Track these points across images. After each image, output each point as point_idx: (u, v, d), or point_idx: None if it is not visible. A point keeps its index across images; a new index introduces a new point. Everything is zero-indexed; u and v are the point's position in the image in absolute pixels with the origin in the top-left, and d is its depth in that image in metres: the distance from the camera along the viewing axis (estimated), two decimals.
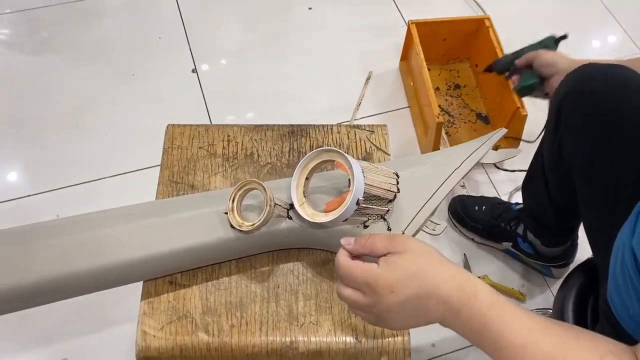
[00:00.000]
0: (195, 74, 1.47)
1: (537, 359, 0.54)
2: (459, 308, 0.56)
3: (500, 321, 0.55)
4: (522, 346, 0.54)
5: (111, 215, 0.72)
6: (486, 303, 0.55)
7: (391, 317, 0.57)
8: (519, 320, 0.55)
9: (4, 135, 1.35)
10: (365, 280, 0.56)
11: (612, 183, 0.81)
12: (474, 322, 0.55)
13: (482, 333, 0.55)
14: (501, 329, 0.55)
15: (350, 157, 0.66)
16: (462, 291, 0.56)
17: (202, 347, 0.69)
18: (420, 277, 0.56)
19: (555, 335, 0.55)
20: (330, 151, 0.69)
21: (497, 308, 0.55)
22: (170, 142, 0.84)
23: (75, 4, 1.58)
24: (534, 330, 0.55)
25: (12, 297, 0.65)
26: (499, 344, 0.55)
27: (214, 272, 0.73)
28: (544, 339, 0.55)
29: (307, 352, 0.70)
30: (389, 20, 1.62)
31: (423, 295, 0.56)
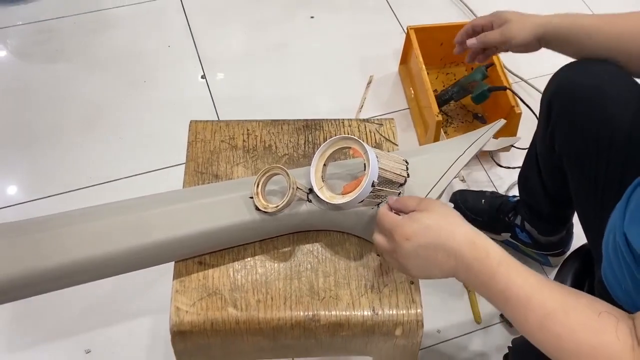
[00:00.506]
0: (204, 80, 1.53)
1: (540, 311, 0.61)
2: (470, 262, 0.63)
3: (508, 276, 0.62)
4: (526, 299, 0.61)
5: (145, 201, 0.78)
6: (496, 260, 0.62)
7: (407, 263, 0.65)
8: (525, 277, 0.62)
9: (20, 140, 1.40)
10: (389, 227, 0.66)
11: (600, 170, 0.88)
12: (484, 276, 0.62)
13: (491, 286, 0.62)
14: (508, 283, 0.61)
15: (365, 144, 0.72)
16: (474, 247, 0.63)
17: (231, 320, 0.74)
18: (435, 230, 0.64)
19: (557, 292, 0.62)
20: (347, 139, 0.75)
21: (506, 265, 0.62)
22: (194, 136, 0.90)
23: (86, 15, 1.65)
24: (538, 287, 0.61)
25: (57, 275, 0.71)
26: (505, 296, 0.62)
27: (239, 253, 0.79)
28: (546, 295, 0.61)
29: (327, 324, 0.75)
30: (387, 27, 1.70)
31: (435, 246, 0.63)
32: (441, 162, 0.82)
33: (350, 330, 0.76)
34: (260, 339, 0.76)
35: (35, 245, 0.71)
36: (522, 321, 0.64)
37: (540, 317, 0.62)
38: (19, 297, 0.71)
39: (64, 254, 0.71)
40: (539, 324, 0.62)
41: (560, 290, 0.63)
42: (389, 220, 0.67)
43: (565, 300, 0.62)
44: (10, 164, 1.36)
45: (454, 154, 0.83)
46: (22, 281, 0.69)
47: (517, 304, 0.62)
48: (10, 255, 0.70)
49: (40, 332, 1.15)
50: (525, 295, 0.61)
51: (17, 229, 0.73)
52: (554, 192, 1.07)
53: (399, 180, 0.75)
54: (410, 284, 0.78)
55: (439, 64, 1.59)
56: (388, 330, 0.76)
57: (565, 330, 0.61)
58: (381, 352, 0.82)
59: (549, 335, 0.62)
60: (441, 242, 0.63)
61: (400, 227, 0.65)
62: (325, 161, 0.76)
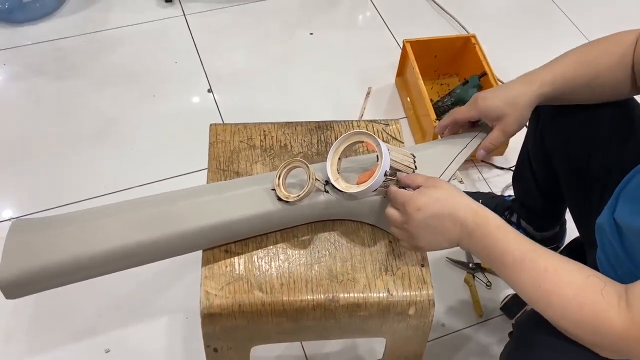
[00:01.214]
0: (211, 93, 1.61)
1: (533, 270, 0.68)
2: (473, 228, 0.71)
3: (505, 240, 0.70)
4: (521, 260, 0.69)
5: (174, 194, 0.84)
6: (495, 226, 0.70)
7: (418, 232, 0.73)
8: (521, 241, 0.70)
9: (36, 152, 1.46)
10: (401, 201, 0.74)
11: (586, 166, 0.96)
12: (485, 240, 0.70)
13: (490, 249, 0.70)
14: (505, 245, 0.70)
15: (377, 137, 0.80)
16: (476, 215, 0.71)
17: (257, 302, 0.80)
18: (442, 202, 0.72)
19: (549, 255, 0.69)
20: (360, 133, 0.82)
21: (504, 230, 0.70)
22: (215, 137, 0.96)
23: (94, 35, 1.72)
24: (532, 250, 0.69)
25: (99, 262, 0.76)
26: (503, 258, 0.70)
27: (262, 242, 0.85)
28: (539, 256, 0.69)
29: (346, 305, 0.81)
30: (383, 42, 1.79)
31: (443, 215, 0.72)
32: (445, 155, 0.90)
33: (367, 311, 0.82)
34: (284, 320, 0.81)
35: (79, 234, 0.77)
36: (517, 280, 0.71)
37: (533, 276, 0.69)
38: (63, 283, 0.77)
39: (104, 243, 0.77)
40: (532, 281, 0.69)
41: (552, 254, 0.70)
42: (401, 195, 0.75)
43: (556, 262, 0.69)
44: (26, 174, 1.42)
45: (456, 147, 0.90)
46: (69, 267, 0.75)
47: (513, 265, 0.70)
48: (58, 243, 0.76)
49: (61, 332, 1.19)
50: (520, 256, 0.69)
51: (60, 221, 0.79)
52: (546, 189, 1.14)
53: (408, 172, 0.82)
54: (421, 267, 0.84)
55: (433, 75, 1.68)
56: (402, 310, 0.82)
57: (555, 287, 0.68)
58: (395, 333, 0.88)
59: (540, 292, 0.69)
60: (448, 212, 0.72)
61: (413, 199, 0.73)
62: (339, 155, 0.83)
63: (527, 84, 0.88)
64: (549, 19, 1.87)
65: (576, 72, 0.87)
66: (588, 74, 0.87)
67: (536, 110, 1.03)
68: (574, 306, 0.68)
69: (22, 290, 0.76)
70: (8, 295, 0.76)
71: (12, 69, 1.63)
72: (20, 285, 0.75)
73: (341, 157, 0.84)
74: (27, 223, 0.80)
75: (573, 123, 0.97)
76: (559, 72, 0.87)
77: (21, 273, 0.74)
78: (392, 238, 0.86)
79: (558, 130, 1.00)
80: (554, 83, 0.87)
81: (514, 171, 1.26)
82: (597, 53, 0.88)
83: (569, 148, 0.97)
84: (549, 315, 0.71)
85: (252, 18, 1.81)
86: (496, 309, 1.27)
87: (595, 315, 0.66)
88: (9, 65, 1.63)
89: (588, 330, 0.67)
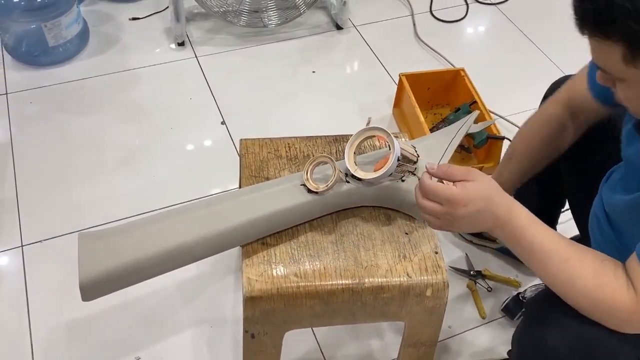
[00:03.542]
0: (224, 125, 1.74)
1: (558, 259, 0.81)
2: (505, 222, 0.83)
3: (534, 234, 0.82)
4: (548, 250, 0.81)
5: (216, 198, 0.96)
6: (526, 221, 0.83)
7: (460, 223, 0.83)
8: (547, 234, 0.83)
9: (62, 179, 1.56)
10: (446, 197, 0.81)
11: (586, 162, 1.11)
12: (515, 233, 0.83)
13: (520, 241, 0.83)
14: (533, 238, 0.82)
15: (387, 130, 0.93)
16: (510, 211, 0.83)
17: (293, 286, 0.90)
18: (485, 199, 0.82)
19: (572, 245, 0.82)
20: (372, 128, 0.96)
21: (534, 225, 0.83)
22: (245, 149, 1.09)
23: (114, 75, 1.86)
24: (558, 242, 0.82)
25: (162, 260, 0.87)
26: (531, 249, 0.82)
27: (294, 234, 0.96)
28: (564, 247, 0.82)
29: (371, 287, 0.92)
30: (378, 77, 1.95)
31: (484, 211, 0.82)
32: (440, 144, 1.03)
33: (390, 292, 0.92)
34: (316, 303, 0.91)
35: (143, 237, 0.89)
36: (543, 268, 0.83)
37: (557, 263, 0.82)
38: (132, 282, 0.88)
39: (166, 241, 0.88)
40: (556, 268, 0.82)
41: (573, 244, 0.83)
42: (444, 191, 0.81)
43: (577, 251, 0.82)
44: (54, 200, 1.51)
45: (448, 137, 1.04)
46: (138, 265, 0.86)
47: (541, 255, 0.82)
48: (125, 246, 0.87)
49: (94, 343, 1.26)
50: (548, 247, 0.82)
51: (122, 228, 0.90)
52: (547, 188, 1.27)
53: (413, 159, 0.96)
54: (435, 253, 0.96)
55: (427, 106, 1.84)
56: (420, 291, 0.93)
57: (577, 273, 0.80)
58: (413, 316, 0.98)
59: (564, 277, 0.81)
60: (487, 209, 0.82)
61: (459, 196, 0.81)
62: (355, 150, 0.96)
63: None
64: (527, 55, 2.06)
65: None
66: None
67: None
68: (592, 289, 0.80)
69: (99, 292, 0.86)
70: (86, 297, 0.86)
71: (39, 107, 1.75)
72: (97, 286, 0.85)
73: (356, 151, 0.97)
74: (92, 233, 0.91)
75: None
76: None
77: (98, 275, 0.85)
78: (408, 229, 0.98)
79: None
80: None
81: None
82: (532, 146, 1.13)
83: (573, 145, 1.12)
84: (570, 297, 0.82)
85: (258, 59, 1.97)
86: (498, 311, 1.38)
87: (612, 296, 0.78)
88: (35, 104, 1.76)
89: (604, 308, 0.79)
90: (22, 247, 1.41)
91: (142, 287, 1.32)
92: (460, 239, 1.51)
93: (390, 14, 2.19)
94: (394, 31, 2.14)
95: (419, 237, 0.97)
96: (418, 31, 2.11)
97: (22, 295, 1.33)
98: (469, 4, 2.26)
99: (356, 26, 2.13)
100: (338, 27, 2.10)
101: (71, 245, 1.41)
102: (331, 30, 2.10)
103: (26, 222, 1.47)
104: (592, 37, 0.73)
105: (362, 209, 1.00)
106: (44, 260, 1.40)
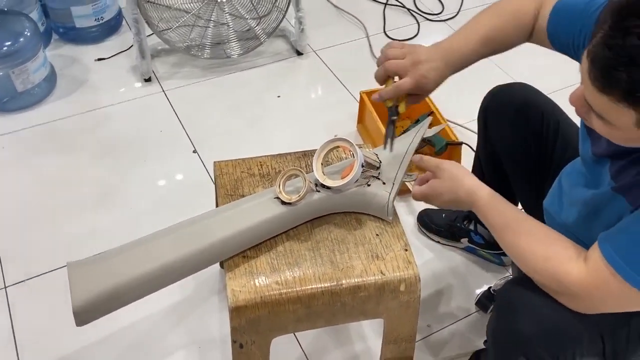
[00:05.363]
0: (196, 154, 1.80)
1: (514, 233, 0.90)
2: (470, 204, 0.95)
3: (493, 213, 0.93)
4: (506, 224, 0.92)
5: (199, 216, 1.02)
6: (485, 201, 0.94)
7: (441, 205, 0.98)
8: (505, 211, 0.93)
9: (43, 217, 1.59)
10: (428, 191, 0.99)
11: (525, 158, 1.20)
12: (479, 213, 0.94)
13: (485, 218, 0.94)
14: (492, 218, 0.93)
15: (350, 140, 1.01)
16: (471, 195, 0.95)
17: (275, 293, 0.96)
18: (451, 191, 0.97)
19: (527, 221, 0.92)
20: (336, 140, 1.04)
21: (494, 204, 0.95)
22: (220, 171, 1.15)
23: (86, 114, 1.91)
24: (514, 218, 0.93)
25: (150, 278, 0.92)
26: (492, 224, 0.93)
27: (272, 245, 1.02)
28: (518, 223, 0.92)
29: (349, 288, 0.98)
30: (340, 97, 2.04)
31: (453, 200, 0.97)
32: (399, 150, 1.10)
33: (366, 291, 0.99)
34: (299, 307, 0.97)
35: (129, 259, 0.94)
36: (502, 242, 0.93)
37: (513, 238, 0.91)
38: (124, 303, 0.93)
39: (154, 261, 0.94)
40: (512, 242, 0.91)
41: (530, 220, 0.92)
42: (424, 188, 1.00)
43: (533, 225, 0.91)
44: (35, 239, 1.54)
45: (406, 142, 1.11)
46: (128, 286, 0.91)
47: (500, 230, 0.92)
48: (114, 269, 0.92)
49: None
50: (504, 223, 0.92)
51: (108, 254, 0.95)
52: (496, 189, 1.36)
53: (376, 164, 1.05)
54: (405, 250, 1.03)
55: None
56: (394, 287, 1.00)
57: (528, 246, 0.89)
58: (391, 312, 1.04)
59: (519, 250, 0.90)
60: (456, 197, 0.97)
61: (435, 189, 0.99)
62: (322, 161, 1.04)
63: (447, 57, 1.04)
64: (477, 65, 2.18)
65: (486, 50, 1.06)
66: (492, 50, 1.07)
67: (484, 121, 1.27)
68: (541, 261, 0.88)
69: (91, 315, 0.91)
70: (80, 322, 0.90)
71: (12, 152, 1.78)
72: (90, 310, 0.90)
73: (323, 163, 1.04)
74: (81, 260, 0.96)
75: (514, 124, 1.21)
76: (469, 51, 1.05)
77: (90, 299, 0.89)
78: (378, 231, 1.05)
79: (502, 132, 1.24)
80: (464, 62, 1.06)
81: None
82: (501, 30, 1.04)
83: (511, 146, 1.21)
84: (525, 269, 0.91)
85: (224, 88, 2.05)
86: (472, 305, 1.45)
87: (558, 267, 0.86)
88: (7, 150, 1.79)
89: (553, 279, 0.87)
90: (6, 289, 1.43)
91: (129, 315, 1.38)
92: (427, 239, 1.59)
93: (347, 37, 2.30)
94: (351, 52, 2.24)
95: (389, 237, 1.04)
96: (374, 51, 2.22)
97: (9, 335, 1.35)
98: (419, 22, 2.39)
99: (315, 51, 2.23)
100: (298, 53, 2.20)
101: (55, 282, 1.45)
102: (292, 57, 2.20)
103: (7, 263, 1.49)
104: (606, 95, 0.70)
105: (334, 216, 1.06)
106: (29, 298, 1.42)
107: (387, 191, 1.04)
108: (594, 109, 0.75)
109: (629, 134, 0.73)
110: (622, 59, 0.65)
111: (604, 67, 0.68)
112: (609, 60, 0.67)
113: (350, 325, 1.39)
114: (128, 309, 1.07)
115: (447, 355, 1.36)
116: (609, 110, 0.72)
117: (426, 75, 1.01)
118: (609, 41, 0.67)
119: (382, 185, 1.05)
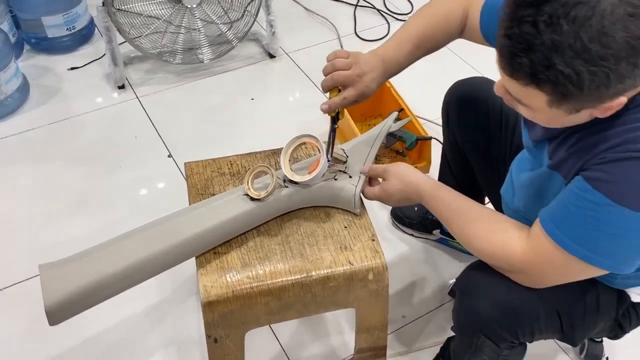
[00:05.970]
0: (171, 158, 1.81)
1: (459, 220, 0.94)
2: (419, 199, 0.99)
3: (439, 206, 0.98)
4: (452, 212, 0.95)
5: (171, 215, 1.03)
6: (428, 193, 0.99)
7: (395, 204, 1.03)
8: (449, 201, 0.97)
9: (19, 226, 1.60)
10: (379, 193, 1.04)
11: (487, 148, 1.24)
12: (428, 206, 0.99)
13: (434, 211, 0.98)
14: (441, 207, 0.97)
15: (316, 136, 1.04)
16: (417, 192, 1.00)
17: (246, 287, 0.98)
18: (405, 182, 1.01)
19: (472, 207, 0.96)
20: (302, 136, 1.06)
21: (435, 198, 0.98)
22: (190, 171, 1.17)
23: (60, 123, 1.91)
24: (458, 207, 0.96)
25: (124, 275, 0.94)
26: (441, 216, 0.96)
27: (243, 241, 1.04)
28: (463, 210, 0.96)
29: (319, 278, 1.01)
30: (313, 97, 2.07)
31: (404, 199, 1.01)
32: (364, 145, 1.14)
33: (336, 281, 1.01)
34: (270, 299, 1.00)
35: (101, 258, 0.96)
36: (450, 229, 0.97)
37: (459, 225, 0.94)
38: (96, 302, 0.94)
39: (125, 259, 0.95)
40: (459, 228, 0.95)
41: (476, 206, 0.96)
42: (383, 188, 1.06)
43: (477, 211, 0.95)
44: (11, 248, 1.54)
45: (372, 137, 1.14)
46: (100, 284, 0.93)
47: (448, 218, 0.96)
48: (85, 268, 0.94)
49: None
50: (451, 211, 0.96)
51: (80, 255, 0.97)
52: (463, 180, 1.41)
53: (343, 159, 1.08)
54: (372, 241, 1.06)
55: (361, 119, 1.97)
56: (363, 276, 1.02)
57: (473, 230, 0.93)
58: (361, 301, 1.07)
59: (465, 234, 0.94)
60: (405, 195, 1.02)
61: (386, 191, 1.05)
62: (289, 158, 1.06)
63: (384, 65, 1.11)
64: (444, 62, 2.23)
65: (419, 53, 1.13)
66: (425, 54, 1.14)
67: (446, 114, 1.31)
68: (488, 243, 0.92)
69: (63, 315, 0.92)
70: (52, 321, 0.91)
71: None
72: (62, 310, 0.91)
73: (291, 159, 1.07)
74: (52, 262, 0.97)
75: (474, 116, 1.25)
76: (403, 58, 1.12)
77: (61, 298, 0.90)
78: (347, 223, 1.08)
79: (464, 124, 1.28)
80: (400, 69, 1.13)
81: (438, 175, 1.51)
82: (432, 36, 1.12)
83: (474, 137, 1.25)
84: (475, 253, 0.95)
85: (197, 93, 2.07)
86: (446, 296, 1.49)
87: (504, 247, 0.90)
88: None
89: (502, 259, 0.91)
90: None
91: (108, 318, 1.39)
92: (401, 232, 1.63)
93: (319, 39, 2.33)
94: (323, 54, 2.24)
95: (357, 229, 1.07)
96: None
97: None
98: (389, 22, 2.43)
99: (288, 53, 2.26)
100: (271, 56, 2.23)
101: (31, 290, 1.45)
102: (265, 60, 2.23)
103: None
104: (516, 80, 0.75)
105: (303, 211, 1.09)
106: (6, 307, 1.42)
107: (353, 184, 1.07)
108: (513, 96, 0.80)
109: (547, 114, 0.78)
110: (521, 45, 0.71)
111: (508, 55, 0.73)
112: (510, 48, 0.72)
113: (326, 319, 1.42)
114: (106, 311, 1.09)
115: (422, 344, 1.39)
116: (523, 95, 0.77)
117: (369, 86, 1.08)
118: (508, 31, 0.72)
119: (349, 178, 1.08)
